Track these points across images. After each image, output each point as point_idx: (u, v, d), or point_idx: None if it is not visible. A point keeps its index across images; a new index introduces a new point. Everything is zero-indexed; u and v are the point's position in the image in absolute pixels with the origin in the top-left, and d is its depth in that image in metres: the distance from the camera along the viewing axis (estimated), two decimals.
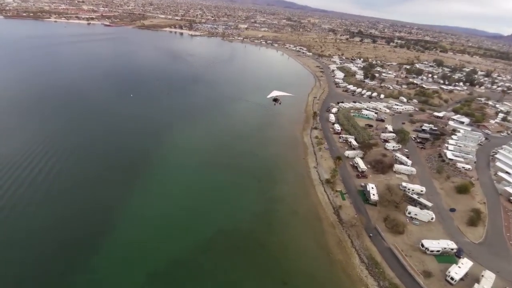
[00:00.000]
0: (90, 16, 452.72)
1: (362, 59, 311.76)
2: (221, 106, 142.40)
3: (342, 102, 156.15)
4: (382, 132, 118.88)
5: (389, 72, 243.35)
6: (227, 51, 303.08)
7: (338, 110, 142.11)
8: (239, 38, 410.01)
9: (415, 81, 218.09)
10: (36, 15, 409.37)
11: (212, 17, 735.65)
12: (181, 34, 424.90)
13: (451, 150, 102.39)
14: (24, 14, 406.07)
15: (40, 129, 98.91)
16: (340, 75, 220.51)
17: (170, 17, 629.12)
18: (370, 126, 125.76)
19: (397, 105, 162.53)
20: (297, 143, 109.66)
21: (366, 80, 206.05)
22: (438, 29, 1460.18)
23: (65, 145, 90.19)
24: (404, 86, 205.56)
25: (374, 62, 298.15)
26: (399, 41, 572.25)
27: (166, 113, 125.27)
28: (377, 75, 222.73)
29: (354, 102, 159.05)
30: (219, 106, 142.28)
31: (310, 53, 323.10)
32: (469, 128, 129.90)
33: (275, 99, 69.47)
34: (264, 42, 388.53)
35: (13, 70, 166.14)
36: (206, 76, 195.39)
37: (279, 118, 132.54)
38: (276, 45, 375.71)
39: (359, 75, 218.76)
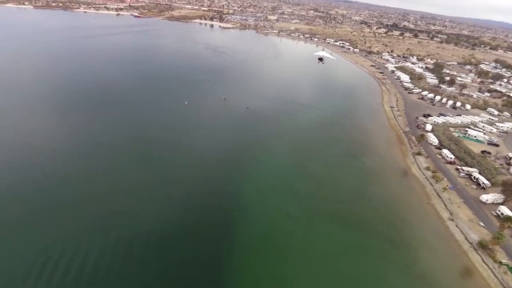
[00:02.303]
0: (119, 7, 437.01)
1: (415, 57, 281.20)
2: (292, 115, 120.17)
3: (430, 115, 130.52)
4: (507, 164, 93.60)
5: (462, 76, 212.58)
6: (268, 46, 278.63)
7: (432, 127, 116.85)
8: (274, 31, 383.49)
9: (498, 88, 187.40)
10: (65, 5, 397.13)
11: (239, 7, 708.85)
12: (211, 26, 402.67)
13: None
14: (54, 4, 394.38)
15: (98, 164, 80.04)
16: (405, 77, 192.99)
17: (197, 7, 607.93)
18: (487, 153, 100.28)
19: (491, 119, 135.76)
20: (407, 177, 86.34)
21: (442, 86, 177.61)
22: (471, 22, 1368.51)
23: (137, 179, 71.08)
24: (487, 94, 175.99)
25: (429, 60, 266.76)
26: (441, 36, 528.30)
27: (231, 127, 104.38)
28: (447, 78, 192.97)
29: (443, 115, 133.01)
30: (289, 115, 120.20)
31: (357, 50, 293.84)
32: None
33: (320, 58, 73.39)
34: (302, 36, 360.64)
35: (52, 65, 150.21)
36: (258, 76, 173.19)
37: (365, 136, 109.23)
38: (316, 39, 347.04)
39: (431, 79, 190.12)
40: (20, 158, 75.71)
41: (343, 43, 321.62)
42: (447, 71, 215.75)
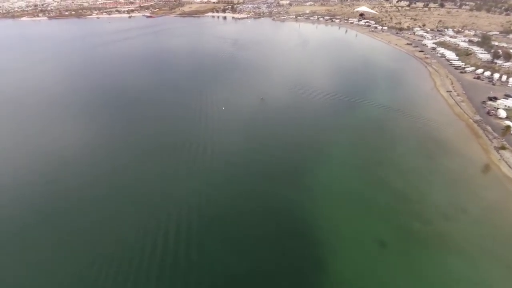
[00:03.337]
0: (130, 9, 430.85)
1: (450, 29, 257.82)
2: (341, 111, 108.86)
3: (497, 98, 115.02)
4: None
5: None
6: (290, 33, 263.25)
7: (506, 114, 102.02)
8: (291, 16, 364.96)
9: None
10: (78, 12, 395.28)
11: None
12: (225, 18, 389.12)
13: None
14: (66, 13, 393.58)
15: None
16: (450, 54, 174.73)
17: (206, 0, 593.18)
18: None
19: None
20: (499, 179, 73.84)
21: (497, 61, 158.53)
22: None
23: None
24: None
25: (469, 32, 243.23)
26: (469, 3, 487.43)
27: (277, 133, 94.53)
28: (500, 52, 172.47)
29: (510, 96, 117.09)
30: (337, 111, 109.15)
31: (386, 27, 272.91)
32: None
33: (362, 14, 70.35)
34: (322, 19, 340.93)
35: (79, 76, 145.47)
36: (289, 68, 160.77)
37: (431, 130, 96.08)
38: (338, 20, 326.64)
39: (482, 54, 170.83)
40: (57, 166, 74.13)
41: (368, 22, 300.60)
42: (496, 43, 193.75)
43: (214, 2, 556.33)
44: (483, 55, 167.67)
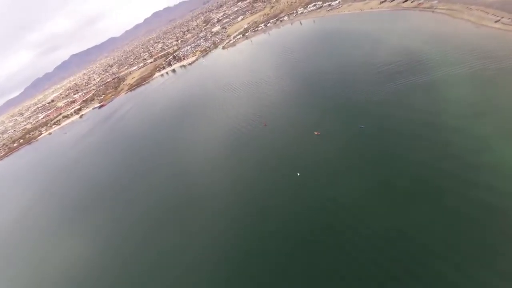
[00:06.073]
0: (76, 108, 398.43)
1: None
2: (431, 106, 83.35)
3: None
4: None
5: None
6: (254, 53, 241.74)
7: None
8: (237, 37, 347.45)
9: None
10: (26, 138, 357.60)
11: (177, 40, 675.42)
12: (174, 71, 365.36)
13: None
14: (15, 144, 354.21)
15: None
16: None
17: (142, 64, 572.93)
18: None
19: None
20: None
21: None
22: None
23: None
24: None
25: None
26: None
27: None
28: None
29: None
30: (427, 107, 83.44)
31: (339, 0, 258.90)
32: None
33: None
34: (269, 24, 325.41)
35: (75, 198, 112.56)
36: (309, 92, 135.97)
37: None
38: (286, 18, 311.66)
39: None
40: None
41: (314, 5, 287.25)
42: None
43: (151, 62, 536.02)
44: None
